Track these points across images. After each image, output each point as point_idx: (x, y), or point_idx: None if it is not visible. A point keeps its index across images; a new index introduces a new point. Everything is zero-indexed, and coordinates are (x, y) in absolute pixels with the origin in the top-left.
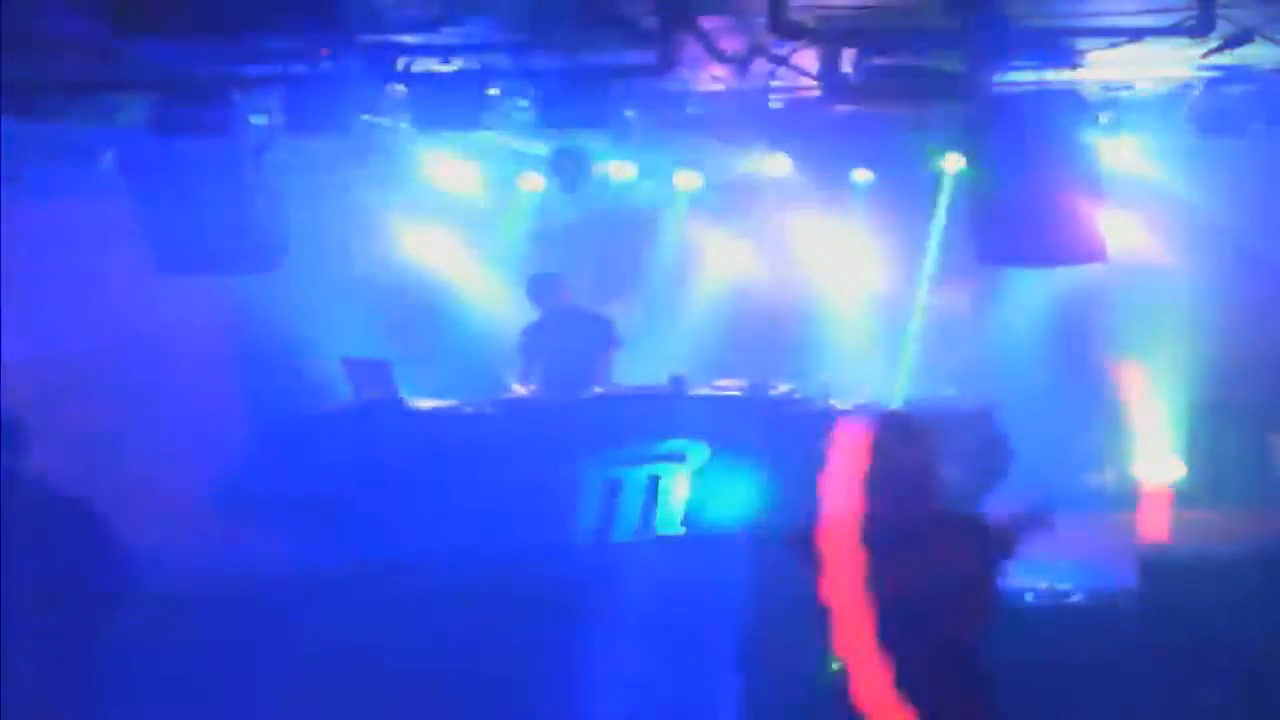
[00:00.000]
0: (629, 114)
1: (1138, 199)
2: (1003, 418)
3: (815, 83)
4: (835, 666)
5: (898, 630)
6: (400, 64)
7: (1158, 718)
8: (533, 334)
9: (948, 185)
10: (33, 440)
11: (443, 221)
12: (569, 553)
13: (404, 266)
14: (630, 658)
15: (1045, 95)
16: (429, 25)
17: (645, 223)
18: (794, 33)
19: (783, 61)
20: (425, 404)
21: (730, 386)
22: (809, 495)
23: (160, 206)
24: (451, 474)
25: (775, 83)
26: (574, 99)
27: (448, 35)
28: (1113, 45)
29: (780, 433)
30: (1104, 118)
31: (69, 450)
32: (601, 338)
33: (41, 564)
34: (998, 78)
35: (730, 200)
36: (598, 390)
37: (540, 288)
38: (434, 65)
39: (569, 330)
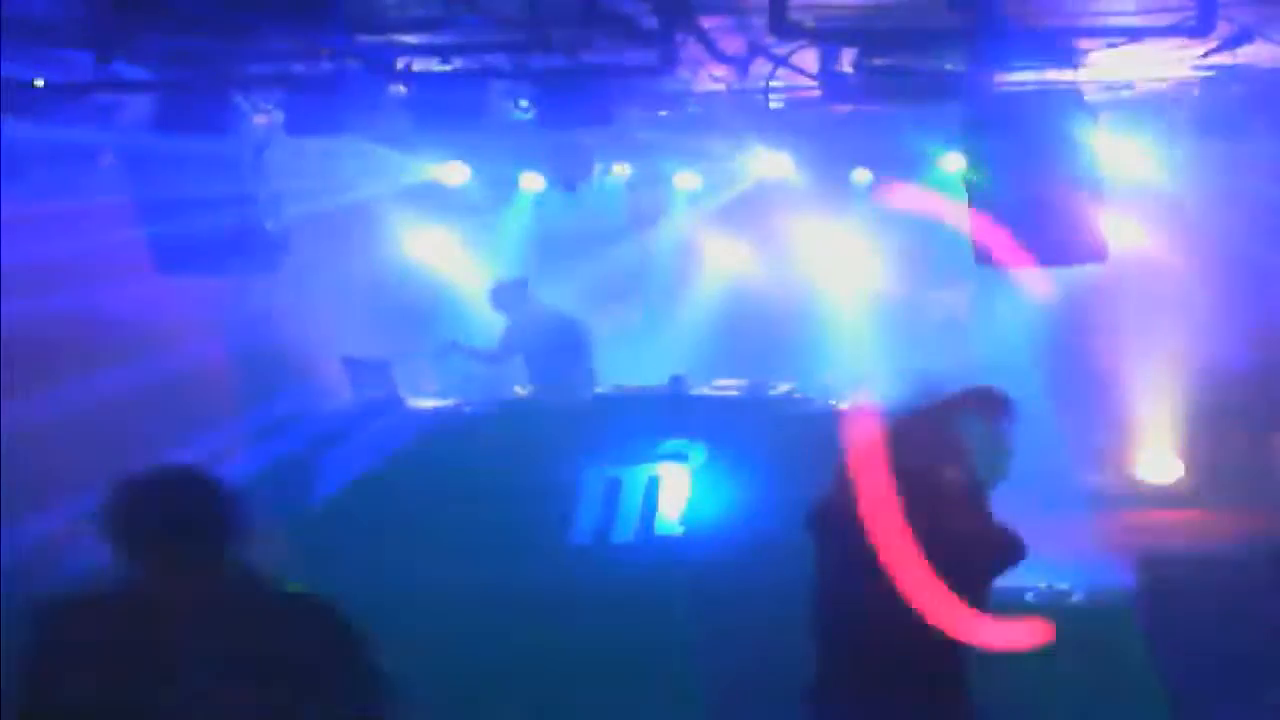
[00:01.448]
0: (629, 114)
1: (1138, 199)
2: None
3: (815, 83)
4: None
5: None
6: (400, 64)
7: (1157, 718)
8: (511, 339)
9: (948, 185)
10: None
11: (443, 221)
12: (569, 553)
13: (404, 266)
14: (630, 658)
15: (1045, 95)
16: (429, 25)
17: (645, 223)
18: (794, 33)
19: (783, 61)
20: (425, 404)
21: (730, 386)
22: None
23: (160, 207)
24: (451, 474)
25: (775, 83)
26: (574, 99)
27: (448, 35)
28: (1113, 45)
29: (780, 433)
30: (1104, 118)
31: (69, 449)
32: (576, 340)
33: None
34: (998, 78)
35: (730, 200)
36: (598, 390)
37: (507, 293)
38: (434, 65)
39: (544, 333)
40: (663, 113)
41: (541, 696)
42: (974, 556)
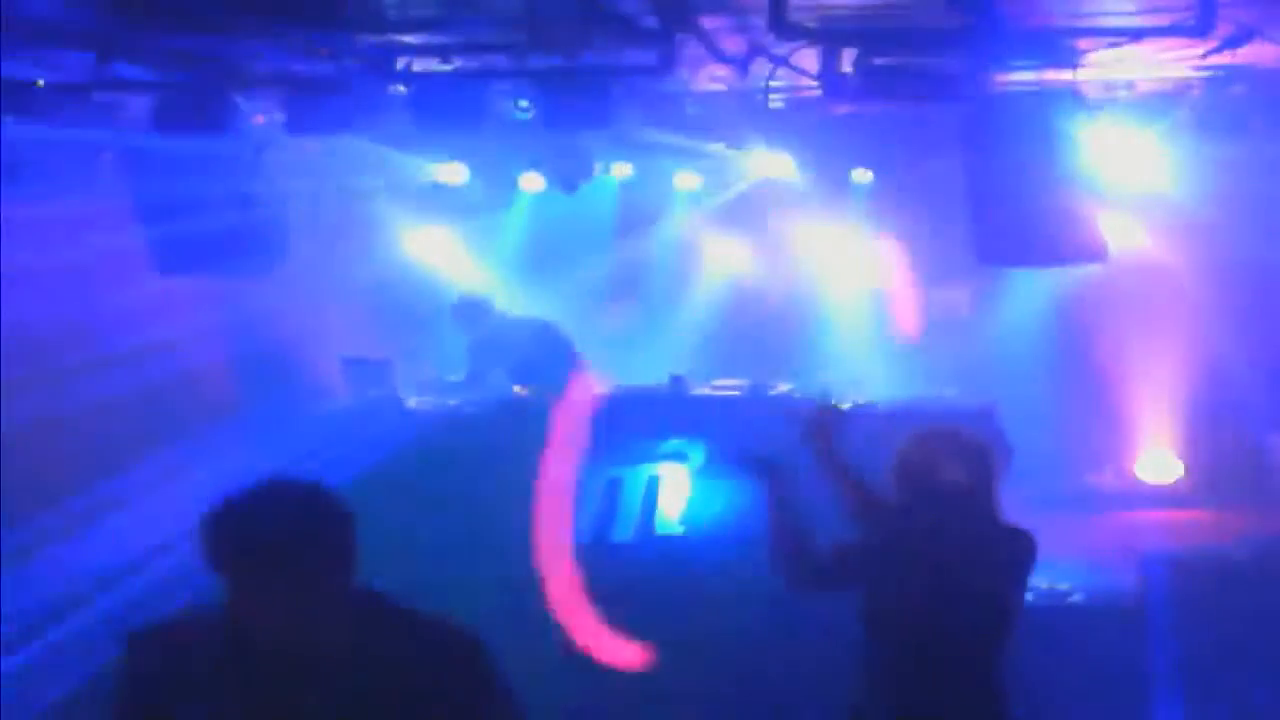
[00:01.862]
0: (629, 114)
1: (1138, 199)
2: (1003, 417)
3: (815, 83)
4: None
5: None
6: (400, 64)
7: (1156, 717)
8: (476, 358)
9: (948, 185)
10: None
11: (443, 221)
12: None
13: (404, 266)
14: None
15: (1045, 95)
16: (429, 25)
17: (645, 223)
18: (794, 33)
19: (783, 61)
20: (425, 404)
21: (730, 386)
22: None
23: (160, 207)
24: (451, 474)
25: (775, 83)
26: (574, 99)
27: (448, 35)
28: (1113, 45)
29: (780, 433)
30: (1104, 118)
31: (69, 450)
32: (555, 344)
33: None
34: (998, 78)
35: (730, 200)
36: (597, 390)
37: (468, 312)
38: (434, 65)
39: (519, 344)
40: (663, 113)
41: (540, 697)
42: (1013, 559)
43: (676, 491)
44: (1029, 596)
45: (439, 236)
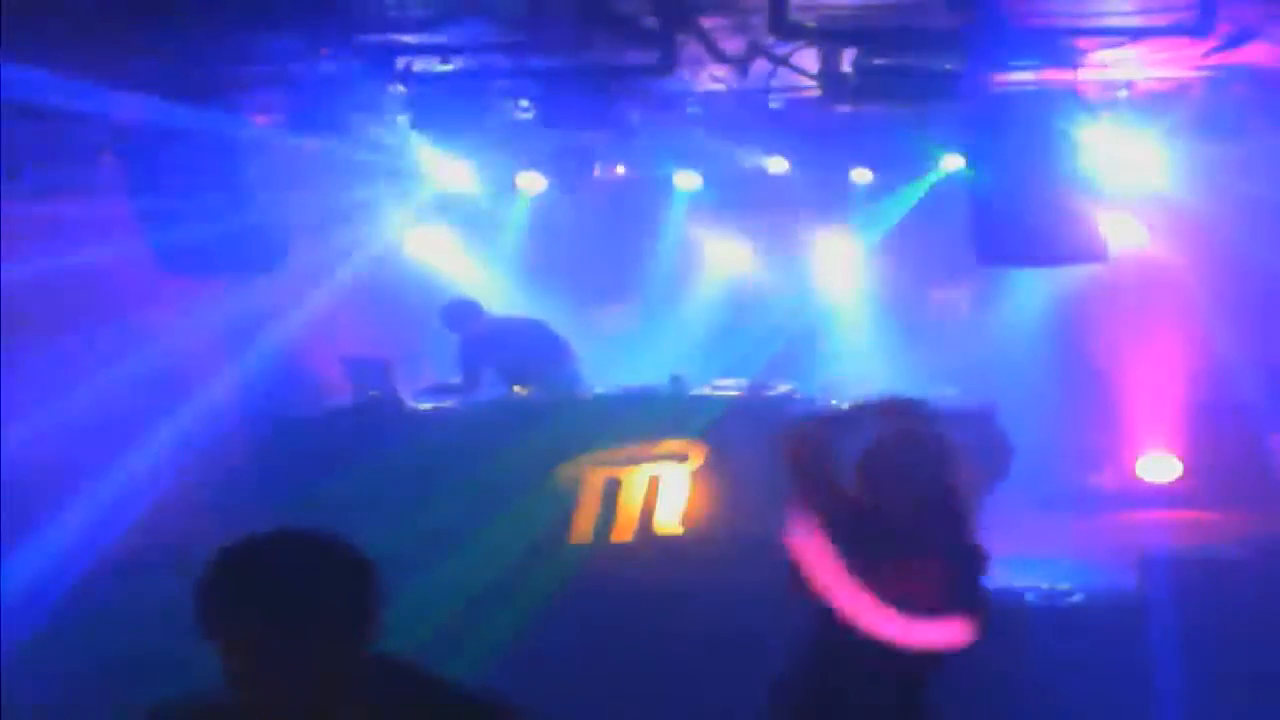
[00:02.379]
0: (629, 114)
1: (1138, 199)
2: (1003, 417)
3: (815, 83)
4: None
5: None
6: (400, 64)
7: (1157, 718)
8: (468, 360)
9: (947, 185)
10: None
11: (443, 221)
12: (569, 552)
13: (404, 266)
14: (628, 657)
15: (1045, 95)
16: (429, 25)
17: (645, 223)
18: (794, 33)
19: (783, 61)
20: (425, 404)
21: (730, 386)
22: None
23: (161, 207)
24: (451, 474)
25: (775, 83)
26: (574, 99)
27: (448, 35)
28: (1113, 45)
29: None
30: (1104, 118)
31: (69, 451)
32: (549, 342)
33: None
34: (997, 78)
35: (730, 200)
36: (598, 390)
37: (457, 314)
38: (434, 65)
39: (513, 345)
40: (663, 113)
41: (540, 696)
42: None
43: (676, 491)
44: (1028, 597)
45: (439, 236)
